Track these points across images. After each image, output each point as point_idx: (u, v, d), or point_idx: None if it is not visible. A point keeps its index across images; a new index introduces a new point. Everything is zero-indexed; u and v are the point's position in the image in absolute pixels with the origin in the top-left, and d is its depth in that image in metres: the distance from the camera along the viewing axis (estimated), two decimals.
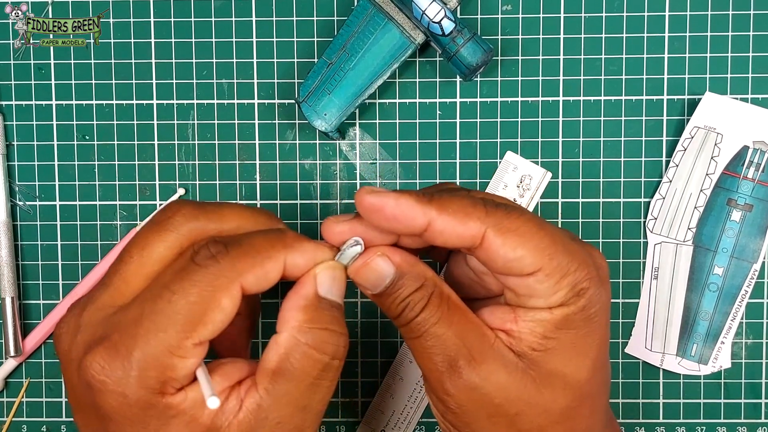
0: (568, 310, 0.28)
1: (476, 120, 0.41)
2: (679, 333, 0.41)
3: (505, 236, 0.27)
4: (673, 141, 0.41)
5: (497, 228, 0.28)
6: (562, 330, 0.29)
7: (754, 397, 0.42)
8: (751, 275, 0.40)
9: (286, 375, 0.28)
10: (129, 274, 0.28)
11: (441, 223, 0.28)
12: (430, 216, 0.28)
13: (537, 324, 0.29)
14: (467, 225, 0.28)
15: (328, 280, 0.30)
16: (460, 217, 0.28)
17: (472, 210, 0.28)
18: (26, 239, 0.42)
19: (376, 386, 0.42)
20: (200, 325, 0.27)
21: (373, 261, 0.30)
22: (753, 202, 0.40)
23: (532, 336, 0.29)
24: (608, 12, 0.41)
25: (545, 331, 0.29)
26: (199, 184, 0.42)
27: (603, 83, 0.41)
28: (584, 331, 0.29)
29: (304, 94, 0.40)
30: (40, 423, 0.43)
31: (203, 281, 0.27)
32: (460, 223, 0.28)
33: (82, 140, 0.42)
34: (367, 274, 0.30)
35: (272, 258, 0.28)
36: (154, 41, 0.42)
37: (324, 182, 0.42)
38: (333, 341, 0.29)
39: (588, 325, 0.29)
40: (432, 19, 0.38)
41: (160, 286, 0.27)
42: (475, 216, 0.28)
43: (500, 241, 0.27)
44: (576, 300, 0.28)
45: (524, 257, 0.28)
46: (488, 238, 0.28)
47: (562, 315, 0.28)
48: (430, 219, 0.28)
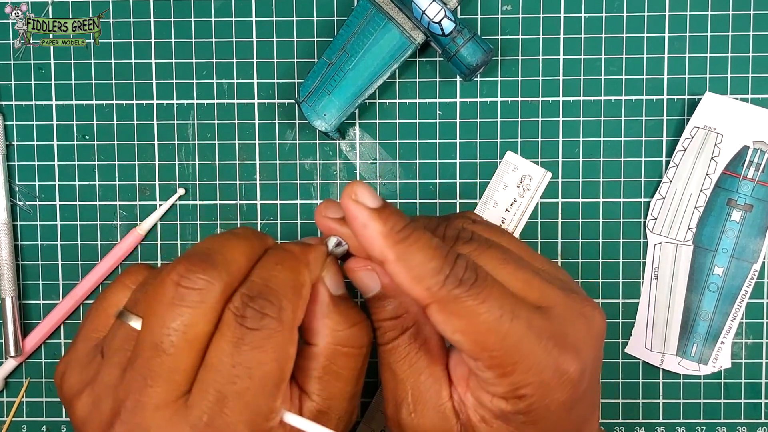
0: (505, 406, 0.27)
1: (476, 120, 0.41)
2: (679, 333, 0.41)
3: (447, 317, 0.26)
4: (673, 141, 0.41)
5: (442, 306, 0.26)
6: (499, 421, 0.28)
7: (754, 397, 0.42)
8: (751, 275, 0.40)
9: (335, 378, 0.29)
10: (178, 363, 0.26)
11: (392, 269, 0.27)
12: (387, 257, 0.27)
13: (479, 405, 0.28)
14: (414, 288, 0.26)
15: (333, 279, 0.30)
16: (411, 276, 0.26)
17: (429, 275, 0.26)
18: (26, 239, 0.42)
19: (376, 386, 0.42)
20: (282, 382, 0.27)
21: (360, 272, 0.30)
22: (753, 202, 0.40)
23: (475, 414, 0.28)
24: (608, 12, 0.41)
25: (485, 415, 0.28)
26: (199, 184, 0.42)
27: (603, 83, 0.41)
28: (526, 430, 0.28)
29: (304, 94, 0.40)
30: (40, 423, 0.43)
31: (269, 344, 0.26)
32: (409, 280, 0.26)
33: (82, 140, 0.42)
34: (354, 280, 0.31)
35: (305, 284, 0.28)
36: (154, 41, 0.42)
37: (324, 182, 0.42)
38: (363, 332, 0.30)
39: (529, 427, 0.27)
40: (432, 19, 0.38)
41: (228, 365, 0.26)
42: (426, 284, 0.26)
43: (441, 319, 0.26)
44: (515, 402, 0.27)
45: (462, 344, 0.27)
46: (430, 310, 0.27)
47: (498, 409, 0.27)
48: (386, 260, 0.27)
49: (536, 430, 0.28)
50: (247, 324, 0.26)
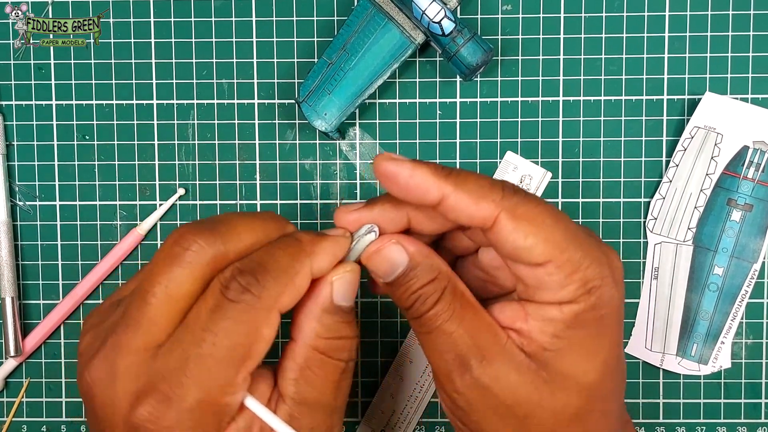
0: (577, 308, 0.28)
1: (476, 120, 0.41)
2: (679, 333, 0.41)
3: (517, 223, 0.27)
4: (673, 141, 0.41)
5: (511, 213, 0.27)
6: (572, 329, 0.28)
7: (754, 397, 0.42)
8: (751, 275, 0.40)
9: (309, 384, 0.29)
10: (157, 315, 0.27)
11: (454, 200, 0.27)
12: (444, 191, 0.27)
13: (547, 323, 0.28)
14: (480, 205, 0.27)
15: (343, 287, 0.30)
16: (474, 197, 0.27)
17: (489, 191, 0.27)
18: (26, 239, 0.42)
19: (376, 386, 0.42)
20: (248, 359, 0.27)
21: (386, 248, 0.29)
22: (753, 202, 0.40)
23: (543, 336, 0.28)
24: (608, 12, 0.41)
25: (555, 330, 0.28)
26: (199, 184, 0.42)
27: (603, 83, 0.41)
28: (595, 332, 0.28)
29: (304, 94, 0.40)
30: (40, 423, 0.43)
31: (242, 318, 0.27)
32: (473, 202, 0.27)
33: (82, 140, 0.42)
34: (379, 261, 0.30)
35: (299, 272, 0.28)
36: (154, 41, 0.42)
37: (324, 182, 0.42)
38: (347, 347, 0.30)
39: (599, 325, 0.28)
40: (432, 19, 0.38)
41: (199, 328, 0.27)
42: (490, 198, 0.27)
43: (512, 226, 0.27)
44: (586, 298, 0.28)
45: (534, 246, 0.27)
46: (500, 222, 0.27)
47: (572, 313, 0.28)
48: (444, 194, 0.27)
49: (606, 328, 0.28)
50: (228, 295, 0.27)
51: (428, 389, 0.42)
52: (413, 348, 0.42)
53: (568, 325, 0.28)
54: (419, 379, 0.42)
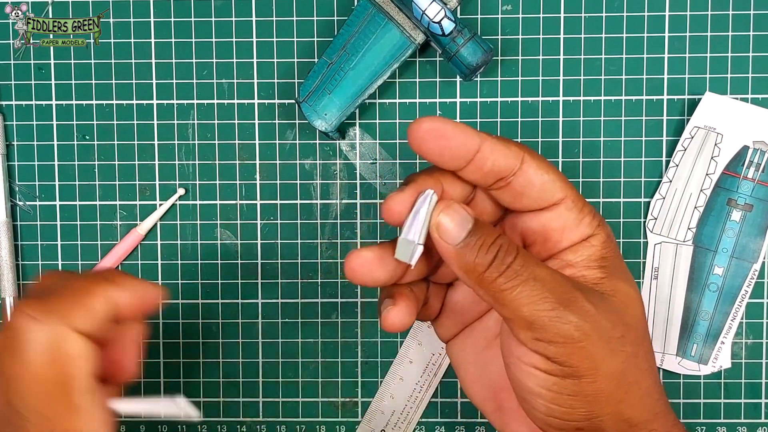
0: (601, 237, 0.31)
1: (476, 120, 0.41)
2: (679, 333, 0.41)
3: (539, 161, 0.30)
4: (673, 141, 0.41)
5: (531, 154, 0.30)
6: (606, 258, 0.31)
7: (754, 397, 0.42)
8: (751, 275, 0.40)
9: None
10: None
11: (491, 145, 0.29)
12: (482, 137, 0.29)
13: (587, 256, 0.30)
14: (511, 148, 0.30)
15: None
16: (504, 141, 0.30)
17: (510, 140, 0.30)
18: (26, 239, 0.42)
19: (376, 386, 0.42)
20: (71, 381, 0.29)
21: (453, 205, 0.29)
22: (753, 202, 0.40)
23: (590, 269, 0.30)
24: (608, 12, 0.41)
25: (596, 255, 0.30)
26: (199, 184, 0.42)
27: (603, 83, 0.41)
28: (619, 259, 0.31)
29: (304, 94, 0.40)
30: None
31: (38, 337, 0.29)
32: (505, 146, 0.30)
33: (82, 140, 0.42)
34: (452, 215, 0.29)
35: (92, 293, 0.30)
36: (154, 41, 0.42)
37: (324, 182, 0.42)
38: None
39: (617, 254, 0.31)
40: (432, 19, 0.38)
41: None
42: (513, 143, 0.30)
43: (536, 165, 0.30)
44: (602, 228, 0.31)
45: (555, 180, 0.30)
46: (526, 161, 0.30)
47: (599, 243, 0.31)
48: (482, 139, 0.29)
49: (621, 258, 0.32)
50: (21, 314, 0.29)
51: (428, 389, 0.42)
52: (413, 348, 0.42)
53: (602, 253, 0.31)
54: (419, 379, 0.42)
